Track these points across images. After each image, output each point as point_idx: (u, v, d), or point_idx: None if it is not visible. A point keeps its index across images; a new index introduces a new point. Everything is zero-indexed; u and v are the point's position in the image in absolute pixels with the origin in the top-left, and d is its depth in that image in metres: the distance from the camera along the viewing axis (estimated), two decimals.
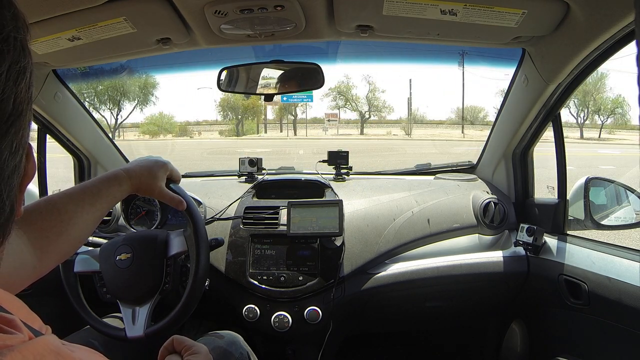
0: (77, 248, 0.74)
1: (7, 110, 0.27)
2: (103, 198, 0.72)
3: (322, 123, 23.79)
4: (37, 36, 0.94)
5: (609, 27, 0.82)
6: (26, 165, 0.33)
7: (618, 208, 1.21)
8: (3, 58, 0.27)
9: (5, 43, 0.27)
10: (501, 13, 0.88)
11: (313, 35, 1.02)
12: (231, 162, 1.84)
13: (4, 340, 0.27)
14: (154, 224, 1.34)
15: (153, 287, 0.94)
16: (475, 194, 1.35)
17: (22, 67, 0.29)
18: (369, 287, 1.21)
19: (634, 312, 0.88)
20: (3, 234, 0.31)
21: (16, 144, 0.29)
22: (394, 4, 0.87)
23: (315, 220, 1.20)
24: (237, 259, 1.22)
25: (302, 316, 1.15)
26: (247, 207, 1.30)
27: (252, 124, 25.80)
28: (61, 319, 1.04)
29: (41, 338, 0.30)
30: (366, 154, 11.51)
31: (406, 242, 1.26)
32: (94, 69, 1.78)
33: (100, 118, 17.95)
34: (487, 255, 1.24)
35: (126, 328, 0.93)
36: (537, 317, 1.24)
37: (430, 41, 1.09)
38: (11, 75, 0.27)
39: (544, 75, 1.07)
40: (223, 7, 0.86)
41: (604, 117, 21.76)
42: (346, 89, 24.38)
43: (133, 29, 0.95)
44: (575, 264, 1.06)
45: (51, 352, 0.29)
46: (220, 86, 1.20)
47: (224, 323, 1.33)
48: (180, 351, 0.65)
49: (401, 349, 1.70)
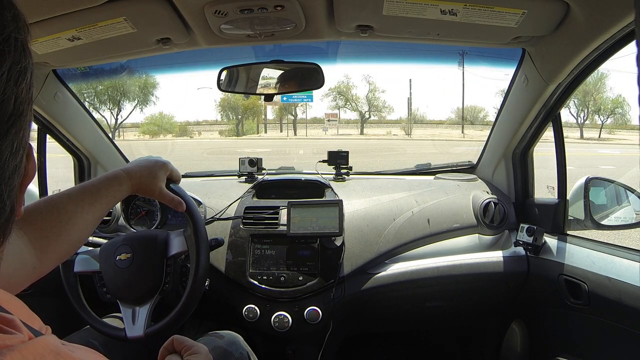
0: (77, 248, 0.74)
1: (7, 111, 0.27)
2: (103, 198, 0.72)
3: (322, 123, 23.76)
4: (37, 36, 0.94)
5: (609, 27, 0.82)
6: (27, 166, 0.33)
7: (618, 208, 1.21)
8: (4, 59, 0.27)
9: (6, 44, 0.27)
10: (501, 13, 0.88)
11: (313, 35, 1.02)
12: (231, 162, 1.84)
13: (4, 340, 0.27)
14: (154, 224, 1.35)
15: (153, 287, 0.94)
16: (475, 194, 1.35)
17: (23, 68, 0.29)
18: (369, 287, 1.21)
19: (634, 312, 0.88)
20: (3, 234, 0.31)
21: (17, 144, 0.29)
22: (394, 4, 0.87)
23: (315, 220, 1.20)
24: (237, 259, 1.22)
25: (302, 316, 1.15)
26: (247, 207, 1.30)
27: (252, 124, 25.79)
28: (61, 319, 1.04)
29: (41, 338, 0.30)
30: (366, 154, 11.50)
31: (406, 242, 1.26)
32: (94, 69, 1.78)
33: (100, 118, 17.97)
34: (487, 255, 1.24)
35: (126, 328, 0.93)
36: (537, 317, 1.24)
37: (430, 41, 1.09)
38: (12, 76, 0.27)
39: (544, 75, 1.07)
40: (223, 7, 0.86)
41: (604, 117, 21.79)
42: (346, 89, 24.39)
43: (133, 29, 0.95)
44: (575, 264, 1.06)
45: (51, 352, 0.29)
46: (220, 86, 1.20)
47: (224, 323, 1.32)
48: (180, 351, 0.64)
49: (401, 349, 1.70)
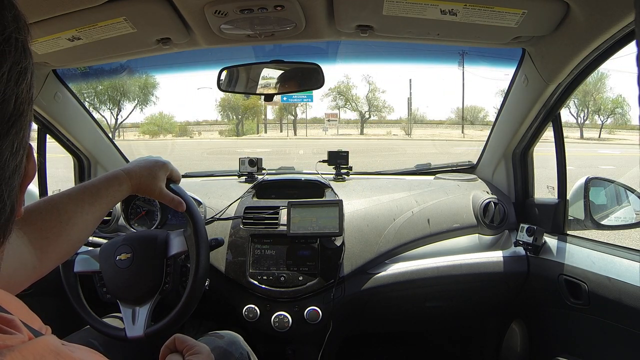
0: (77, 248, 0.74)
1: (8, 111, 0.27)
2: (103, 198, 0.72)
3: (322, 123, 23.76)
4: (37, 36, 0.94)
5: (609, 27, 0.82)
6: (27, 166, 0.33)
7: (618, 208, 1.21)
8: (4, 59, 0.27)
9: (6, 44, 0.27)
10: (501, 13, 0.88)
11: (313, 35, 1.02)
12: (231, 162, 1.84)
13: (4, 340, 0.27)
14: (154, 224, 1.35)
15: (153, 287, 0.94)
16: (475, 194, 1.35)
17: (24, 68, 0.29)
18: (369, 287, 1.21)
19: (634, 312, 0.88)
20: (3, 234, 0.31)
21: (17, 144, 0.29)
22: (394, 4, 0.87)
23: (315, 220, 1.20)
24: (237, 259, 1.22)
25: (302, 316, 1.15)
26: (247, 207, 1.30)
27: (252, 124, 25.79)
28: (61, 319, 1.04)
29: (41, 338, 0.30)
30: (366, 154, 11.50)
31: (406, 242, 1.26)
32: (94, 69, 1.78)
33: (100, 118, 17.97)
34: (487, 255, 1.24)
35: (126, 328, 0.93)
36: (537, 317, 1.24)
37: (430, 41, 1.09)
38: (12, 76, 0.27)
39: (544, 75, 1.07)
40: (223, 7, 0.86)
41: (604, 117, 21.79)
42: (346, 89, 24.38)
43: (133, 29, 0.95)
44: (575, 264, 1.06)
45: (51, 352, 0.29)
46: (220, 86, 1.20)
47: (224, 323, 1.32)
48: (182, 350, 0.64)
49: (401, 349, 1.70)
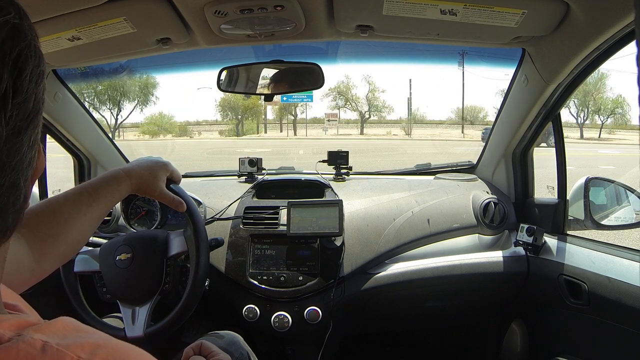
0: (76, 250, 0.74)
1: (28, 108, 0.31)
2: (101, 199, 0.71)
3: (322, 123, 23.77)
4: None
5: (609, 27, 0.82)
6: (37, 160, 0.35)
7: (618, 208, 1.21)
8: (28, 63, 0.30)
9: (29, 49, 0.30)
10: (501, 13, 0.88)
11: (313, 35, 1.02)
12: (231, 162, 1.84)
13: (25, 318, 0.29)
14: (154, 224, 1.34)
15: (153, 287, 0.94)
16: (475, 194, 1.35)
17: (42, 71, 0.32)
18: (369, 287, 1.21)
19: (634, 312, 0.88)
20: (15, 222, 0.32)
21: (33, 138, 0.32)
22: (394, 4, 0.87)
23: (315, 220, 1.20)
24: (237, 259, 1.22)
25: (302, 316, 1.15)
26: (247, 207, 1.30)
27: (252, 124, 25.80)
28: None
29: (59, 318, 0.31)
30: (366, 154, 11.51)
31: (406, 242, 1.26)
32: (94, 69, 1.78)
33: (100, 118, 17.98)
34: (487, 255, 1.24)
35: (126, 328, 0.93)
36: (537, 317, 1.24)
37: (430, 41, 1.09)
38: (33, 78, 0.31)
39: (544, 75, 1.06)
40: (223, 7, 0.86)
41: (604, 117, 21.80)
42: (346, 89, 24.43)
43: (133, 29, 0.95)
44: (575, 264, 1.06)
45: (72, 330, 0.31)
46: (220, 86, 1.20)
47: (224, 323, 1.32)
48: (206, 356, 0.69)
49: (401, 349, 1.70)
